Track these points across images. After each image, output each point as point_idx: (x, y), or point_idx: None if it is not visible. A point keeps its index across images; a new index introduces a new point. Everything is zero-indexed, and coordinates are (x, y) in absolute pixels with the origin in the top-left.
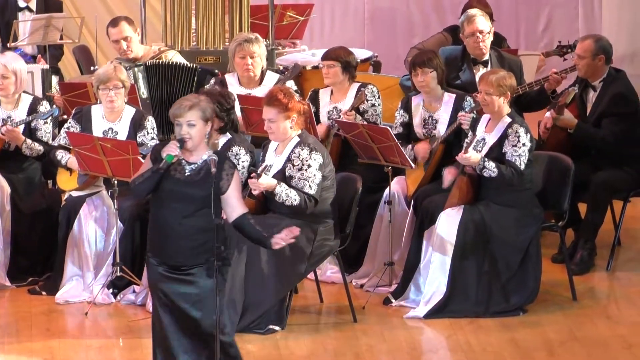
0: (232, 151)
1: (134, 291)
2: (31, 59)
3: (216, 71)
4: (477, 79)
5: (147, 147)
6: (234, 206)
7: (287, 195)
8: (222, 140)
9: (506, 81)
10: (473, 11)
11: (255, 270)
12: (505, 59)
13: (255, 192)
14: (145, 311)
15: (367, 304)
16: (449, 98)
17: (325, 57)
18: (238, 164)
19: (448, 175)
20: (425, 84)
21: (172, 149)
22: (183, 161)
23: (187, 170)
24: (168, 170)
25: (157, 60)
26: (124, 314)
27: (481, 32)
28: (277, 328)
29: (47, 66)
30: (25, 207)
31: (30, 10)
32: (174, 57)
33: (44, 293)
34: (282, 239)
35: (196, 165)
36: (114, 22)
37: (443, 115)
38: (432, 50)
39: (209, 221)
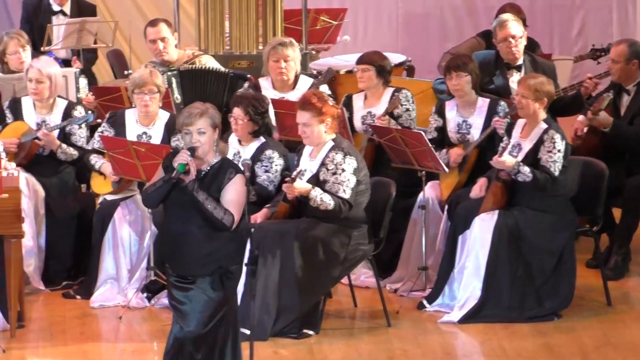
0: (265, 154)
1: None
2: (62, 62)
3: (248, 75)
4: (510, 83)
5: None
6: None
7: (322, 199)
8: (256, 143)
9: (544, 87)
10: (505, 16)
11: (289, 274)
12: (539, 63)
13: (289, 197)
14: None
15: (401, 309)
16: (483, 103)
17: (359, 61)
18: (272, 168)
19: (477, 188)
20: (459, 88)
21: (183, 158)
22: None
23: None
24: (179, 180)
25: (191, 65)
26: (158, 318)
27: (513, 37)
28: (311, 332)
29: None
30: (60, 211)
31: (64, 14)
32: (208, 61)
33: (78, 297)
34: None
35: (204, 172)
36: (153, 23)
37: (477, 120)
38: (467, 54)
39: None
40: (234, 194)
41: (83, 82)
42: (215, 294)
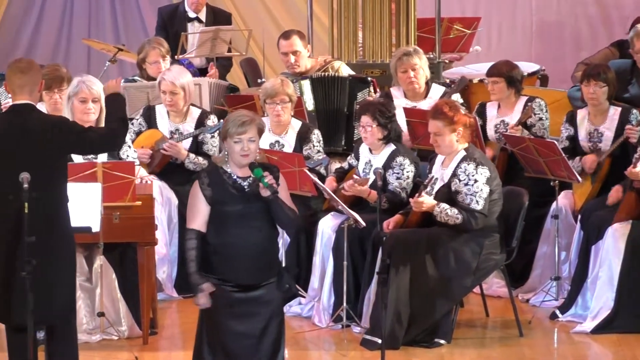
0: (396, 161)
1: (300, 303)
2: (198, 71)
3: (369, 79)
4: None
5: (313, 160)
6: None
7: (447, 214)
8: (387, 151)
9: None
10: None
11: (421, 283)
12: None
13: (416, 210)
14: (312, 323)
15: (534, 319)
16: (614, 111)
17: (489, 74)
18: (403, 174)
19: (614, 193)
20: (595, 97)
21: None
22: (234, 176)
23: (245, 186)
24: (226, 190)
25: (323, 73)
26: (289, 326)
27: None
28: (442, 342)
29: (222, 82)
30: None
31: (199, 21)
32: (341, 66)
33: None
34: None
35: (250, 178)
36: (286, 35)
37: (608, 129)
38: (607, 64)
39: (274, 232)
40: (285, 192)
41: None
42: (281, 293)
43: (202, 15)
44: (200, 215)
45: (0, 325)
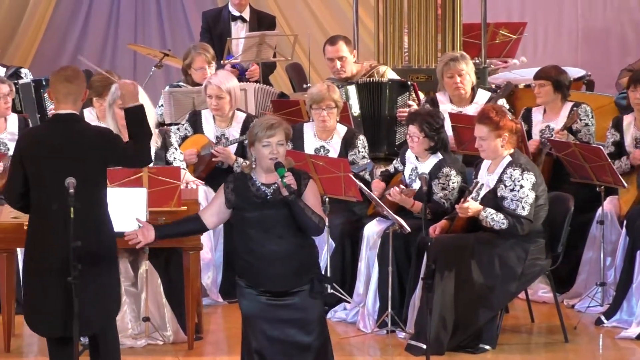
0: (442, 172)
1: (345, 308)
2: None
3: (409, 83)
4: None
5: (358, 165)
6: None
7: (493, 219)
8: (433, 160)
9: None
10: None
11: (466, 288)
12: None
13: (461, 216)
14: (357, 329)
15: (579, 324)
16: None
17: (536, 77)
18: (449, 185)
19: None
20: None
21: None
22: (258, 183)
23: (268, 193)
24: (248, 197)
25: (368, 78)
26: (334, 332)
27: None
28: (487, 347)
29: (270, 87)
30: None
31: (243, 20)
32: (386, 71)
33: None
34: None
35: (275, 184)
36: (332, 41)
37: None
38: None
39: (302, 239)
40: (314, 198)
41: None
42: (316, 303)
43: (246, 15)
44: (209, 211)
45: None
